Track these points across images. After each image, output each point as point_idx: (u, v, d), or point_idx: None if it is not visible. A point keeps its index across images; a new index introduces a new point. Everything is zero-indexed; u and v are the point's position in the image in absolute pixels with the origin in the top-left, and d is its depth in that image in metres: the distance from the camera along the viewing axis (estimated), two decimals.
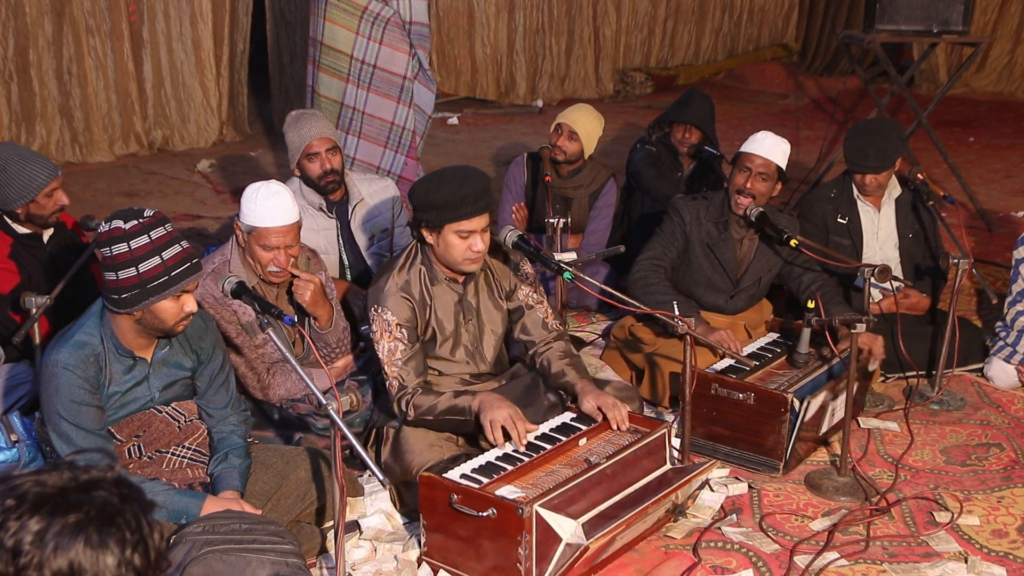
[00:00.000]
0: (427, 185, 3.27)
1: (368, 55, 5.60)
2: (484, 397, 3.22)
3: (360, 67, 5.62)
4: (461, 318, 3.44)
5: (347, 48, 5.62)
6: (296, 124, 4.28)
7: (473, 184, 3.24)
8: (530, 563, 2.78)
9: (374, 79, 5.65)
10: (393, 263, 3.40)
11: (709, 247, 4.15)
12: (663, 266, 4.13)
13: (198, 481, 3.10)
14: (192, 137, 8.35)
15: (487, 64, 10.26)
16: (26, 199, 3.73)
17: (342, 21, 5.59)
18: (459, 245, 3.26)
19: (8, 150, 3.79)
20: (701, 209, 4.16)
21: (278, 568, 2.61)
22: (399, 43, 5.60)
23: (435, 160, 8.03)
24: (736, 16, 12.18)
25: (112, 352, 2.89)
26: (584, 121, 4.94)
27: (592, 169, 5.08)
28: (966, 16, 6.36)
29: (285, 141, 4.33)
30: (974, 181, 7.17)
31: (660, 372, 4.03)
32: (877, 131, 4.30)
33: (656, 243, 4.19)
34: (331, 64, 5.68)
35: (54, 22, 7.44)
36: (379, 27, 5.56)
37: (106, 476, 1.47)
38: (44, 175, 3.74)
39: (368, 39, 5.58)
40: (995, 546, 3.19)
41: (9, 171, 3.70)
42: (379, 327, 3.30)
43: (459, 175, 3.28)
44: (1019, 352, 4.24)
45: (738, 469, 3.64)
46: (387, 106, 5.70)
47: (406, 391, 3.27)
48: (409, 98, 5.72)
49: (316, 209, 4.33)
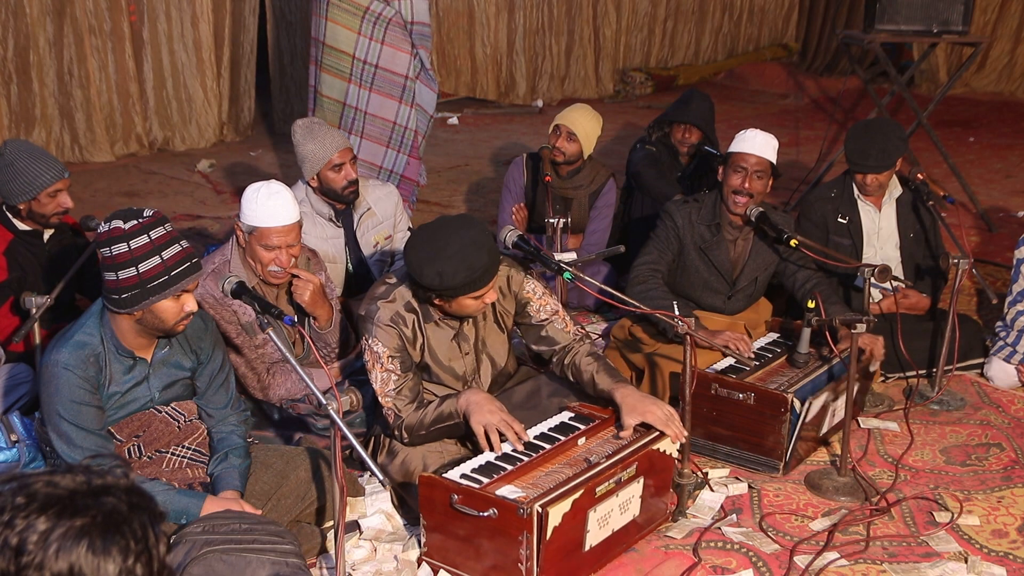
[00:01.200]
0: (439, 268, 3.02)
1: (370, 55, 5.61)
2: (469, 398, 3.15)
3: (362, 67, 5.63)
4: (458, 350, 3.36)
5: (349, 48, 5.62)
6: (312, 135, 4.20)
7: (488, 252, 3.07)
8: (531, 563, 2.78)
9: (376, 79, 5.65)
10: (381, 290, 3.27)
11: (702, 250, 4.15)
12: (660, 270, 4.13)
13: (198, 481, 3.10)
14: (192, 137, 8.35)
15: (487, 64, 10.26)
16: (29, 196, 3.75)
17: (344, 21, 5.60)
18: (474, 304, 3.18)
19: (20, 147, 3.82)
20: (693, 212, 4.16)
21: (278, 568, 2.61)
22: (401, 43, 5.61)
23: (436, 160, 8.04)
24: (736, 16, 12.18)
25: (112, 352, 2.89)
26: (582, 121, 4.94)
27: (592, 169, 5.08)
28: (966, 16, 6.37)
29: (298, 151, 4.22)
30: (974, 181, 7.17)
31: (660, 372, 4.03)
32: (878, 131, 4.30)
33: (651, 248, 4.18)
34: (333, 64, 5.68)
35: (55, 22, 7.44)
36: (381, 27, 5.56)
37: (119, 483, 1.46)
38: (50, 174, 3.77)
39: (370, 39, 5.59)
40: (995, 546, 3.19)
41: (16, 166, 3.73)
42: (370, 357, 3.21)
43: (470, 247, 3.04)
44: (1019, 352, 4.24)
45: (738, 469, 3.64)
46: (389, 106, 5.70)
47: (401, 420, 3.22)
48: (411, 98, 5.72)
49: (325, 219, 4.31)
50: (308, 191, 4.28)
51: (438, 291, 3.10)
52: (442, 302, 3.18)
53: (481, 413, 3.10)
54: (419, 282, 3.10)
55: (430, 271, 3.05)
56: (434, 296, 3.15)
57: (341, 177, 4.21)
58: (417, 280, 3.11)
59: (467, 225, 3.12)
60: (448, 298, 3.14)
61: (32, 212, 3.80)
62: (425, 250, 3.08)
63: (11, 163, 3.74)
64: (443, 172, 7.78)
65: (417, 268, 3.08)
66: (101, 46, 7.70)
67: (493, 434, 3.08)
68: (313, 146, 4.18)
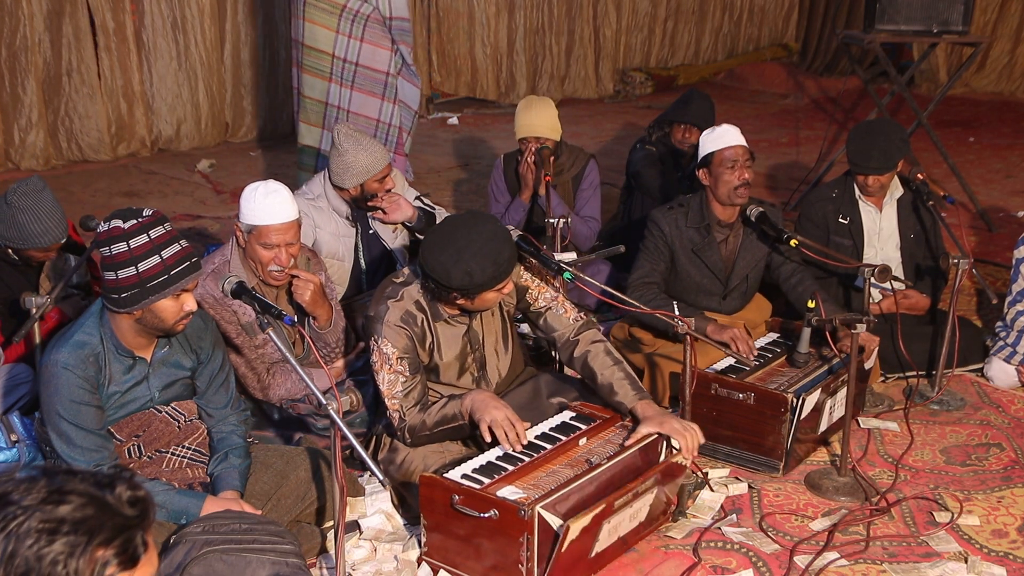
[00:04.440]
0: (467, 267, 3.02)
1: (350, 53, 5.61)
2: (475, 397, 3.17)
3: (343, 66, 5.64)
4: (468, 348, 3.36)
5: (328, 47, 5.63)
6: (362, 146, 4.16)
7: (507, 243, 3.09)
8: (531, 564, 2.77)
9: (357, 77, 5.66)
10: (389, 290, 3.26)
11: (695, 253, 4.15)
12: (654, 282, 4.13)
13: (198, 481, 3.10)
14: (192, 137, 8.35)
15: (487, 64, 10.26)
16: (21, 247, 3.70)
17: (322, 21, 5.61)
18: (494, 297, 3.18)
19: (29, 201, 3.65)
20: (680, 218, 4.16)
21: (278, 568, 2.61)
22: (380, 40, 5.62)
23: (436, 160, 8.05)
24: (736, 16, 12.18)
25: (112, 352, 2.89)
26: (540, 120, 4.91)
27: (570, 153, 5.09)
28: (966, 16, 6.36)
29: (344, 158, 4.16)
30: (974, 181, 7.17)
31: (660, 372, 4.03)
32: (880, 132, 4.30)
33: (643, 260, 4.18)
34: (313, 64, 5.69)
35: (54, 22, 7.44)
36: (359, 24, 5.57)
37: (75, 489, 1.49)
38: (46, 239, 3.68)
39: (349, 37, 5.59)
40: (995, 546, 3.19)
41: (18, 220, 3.63)
42: (379, 358, 3.20)
43: (490, 241, 3.05)
44: (1019, 352, 4.24)
45: (738, 469, 3.64)
46: (371, 103, 5.71)
47: (405, 422, 3.21)
48: (393, 94, 5.74)
49: (341, 216, 4.31)
50: (328, 186, 4.28)
51: (468, 290, 3.09)
52: (465, 300, 3.17)
53: (487, 411, 3.10)
54: (447, 284, 3.07)
55: (458, 272, 3.03)
56: (458, 296, 3.14)
57: (382, 188, 4.24)
58: (444, 283, 3.08)
59: (481, 220, 3.13)
60: (473, 296, 3.14)
61: (22, 255, 3.76)
62: (447, 252, 3.05)
63: (13, 215, 3.62)
64: (443, 172, 7.78)
65: (443, 272, 3.05)
66: (101, 46, 7.70)
67: (499, 430, 3.07)
68: (365, 158, 4.16)
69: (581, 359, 3.37)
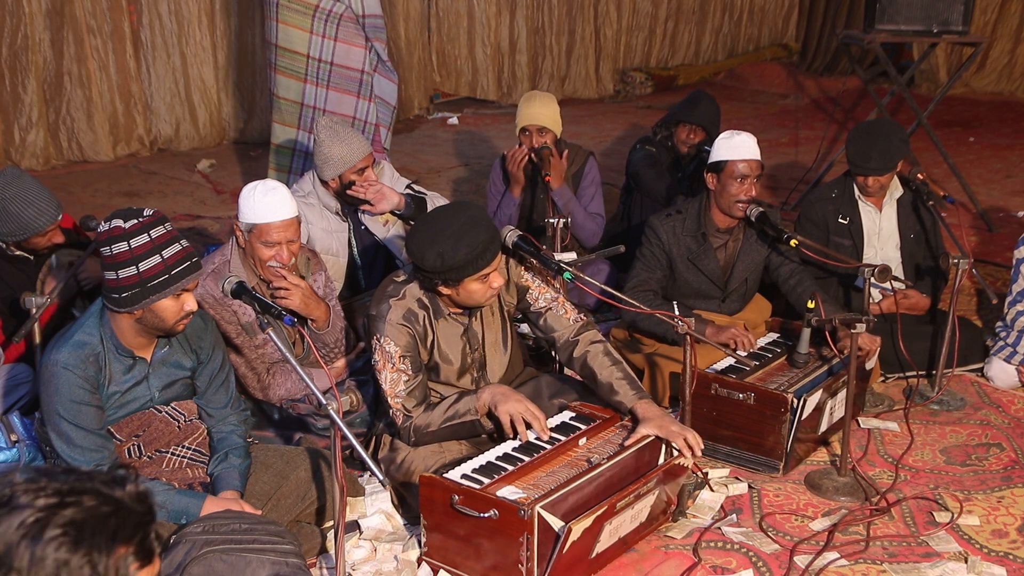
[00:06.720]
0: (440, 248, 3.05)
1: (324, 53, 5.63)
2: (494, 391, 3.20)
3: (317, 66, 5.66)
4: (467, 347, 3.37)
5: (302, 48, 5.65)
6: (339, 138, 4.17)
7: (486, 228, 3.09)
8: (531, 564, 2.77)
9: (332, 76, 5.68)
10: (391, 288, 3.27)
11: (691, 261, 4.15)
12: (651, 289, 4.13)
13: (198, 481, 3.10)
14: (192, 137, 8.35)
15: (487, 64, 10.26)
16: (19, 238, 3.69)
17: (295, 22, 5.62)
18: (480, 289, 3.18)
19: (15, 187, 3.65)
20: (677, 225, 4.16)
21: (278, 568, 2.61)
22: (354, 38, 5.63)
23: (436, 160, 8.04)
24: (736, 16, 12.18)
25: (112, 352, 2.89)
26: (543, 111, 4.92)
27: (569, 151, 5.09)
28: (966, 16, 6.36)
29: (322, 150, 4.17)
30: (974, 181, 7.17)
31: (660, 372, 4.03)
32: (880, 133, 4.30)
33: (639, 268, 4.18)
34: (287, 66, 5.71)
35: (55, 22, 7.44)
36: (332, 24, 5.58)
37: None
38: (43, 219, 3.67)
39: (323, 37, 5.61)
40: (995, 546, 3.19)
41: (9, 211, 3.63)
42: (381, 357, 3.20)
43: (467, 225, 3.08)
44: (1019, 352, 4.24)
45: (738, 469, 3.64)
46: (347, 102, 5.72)
47: (410, 420, 3.22)
48: (369, 92, 5.75)
49: (331, 212, 4.32)
50: (316, 183, 4.29)
51: (441, 273, 3.10)
52: (449, 289, 3.18)
53: (508, 402, 3.14)
54: (422, 267, 3.12)
55: (431, 253, 3.07)
56: (439, 282, 3.15)
57: (361, 179, 4.23)
58: (420, 265, 3.12)
59: (463, 207, 3.19)
60: (453, 283, 3.14)
61: (22, 246, 3.76)
62: (425, 235, 3.11)
63: (4, 207, 3.62)
64: (443, 172, 7.78)
65: (419, 254, 3.10)
66: (101, 46, 7.70)
67: (519, 423, 3.11)
68: (341, 149, 4.17)
69: (581, 359, 3.38)
